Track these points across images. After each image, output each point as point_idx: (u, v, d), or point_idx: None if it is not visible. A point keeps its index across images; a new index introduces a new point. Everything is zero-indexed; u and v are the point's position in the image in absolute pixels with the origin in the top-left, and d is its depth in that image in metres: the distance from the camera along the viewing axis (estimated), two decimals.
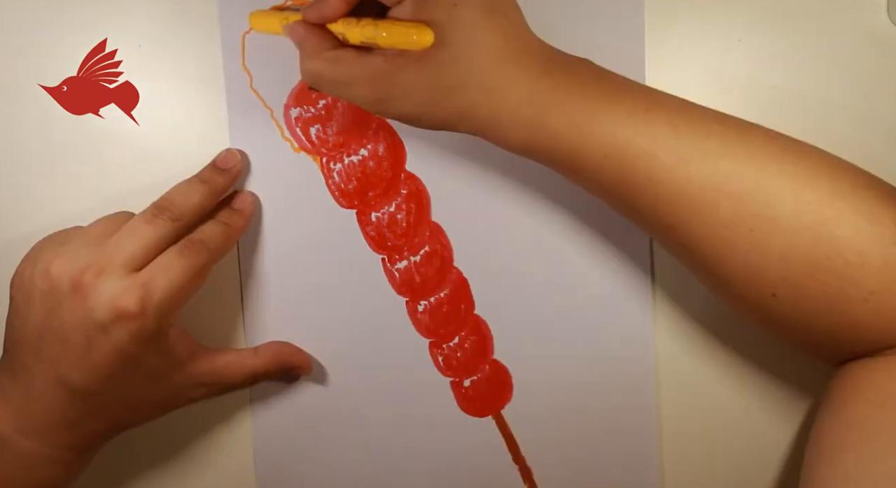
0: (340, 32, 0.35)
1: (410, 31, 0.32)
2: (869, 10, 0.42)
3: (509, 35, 0.34)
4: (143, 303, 0.37)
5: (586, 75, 0.35)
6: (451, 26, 0.33)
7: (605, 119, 0.34)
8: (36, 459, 0.38)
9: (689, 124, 0.34)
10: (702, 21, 0.43)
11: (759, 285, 0.34)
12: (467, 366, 0.45)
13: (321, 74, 0.35)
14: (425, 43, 0.32)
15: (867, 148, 0.43)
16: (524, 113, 0.34)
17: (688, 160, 0.34)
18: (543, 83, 0.34)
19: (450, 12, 0.33)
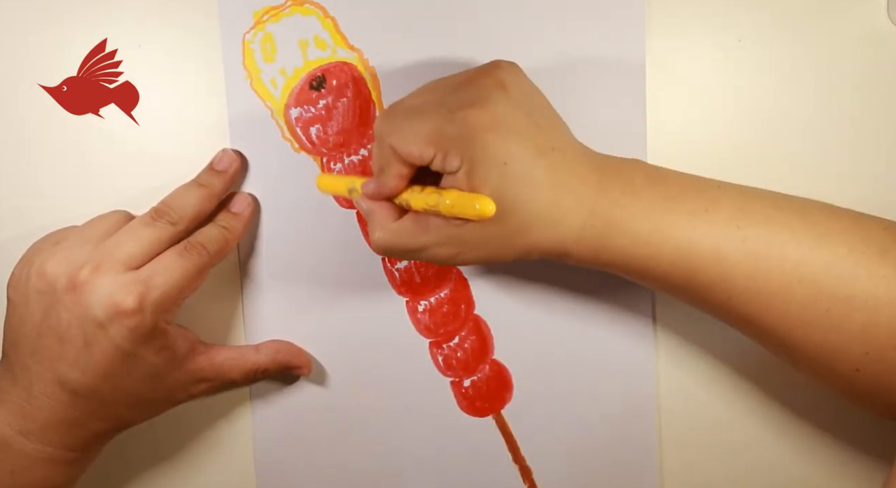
0: (405, 200, 0.36)
1: (472, 202, 0.33)
2: (869, 10, 0.42)
3: (560, 167, 0.35)
4: (141, 299, 0.37)
5: (639, 181, 0.36)
6: (506, 182, 0.34)
7: (667, 229, 0.35)
8: (38, 459, 0.38)
9: (749, 217, 0.35)
10: (702, 21, 0.43)
11: (841, 362, 0.35)
12: (467, 366, 0.45)
13: (391, 245, 0.37)
14: (487, 213, 0.33)
15: (867, 148, 0.43)
16: (587, 236, 0.35)
17: (755, 253, 0.34)
18: (599, 204, 0.35)
19: (503, 171, 0.34)
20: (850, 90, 0.43)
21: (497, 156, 0.33)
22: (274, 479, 0.46)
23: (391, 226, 0.36)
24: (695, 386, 0.44)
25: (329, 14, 0.43)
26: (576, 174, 0.35)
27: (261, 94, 0.43)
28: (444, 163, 0.34)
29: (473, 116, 0.34)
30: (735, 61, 0.43)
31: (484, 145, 0.33)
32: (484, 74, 0.35)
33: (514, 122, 0.34)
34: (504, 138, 0.34)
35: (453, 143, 0.34)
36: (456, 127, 0.34)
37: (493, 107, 0.34)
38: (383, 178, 0.36)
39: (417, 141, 0.34)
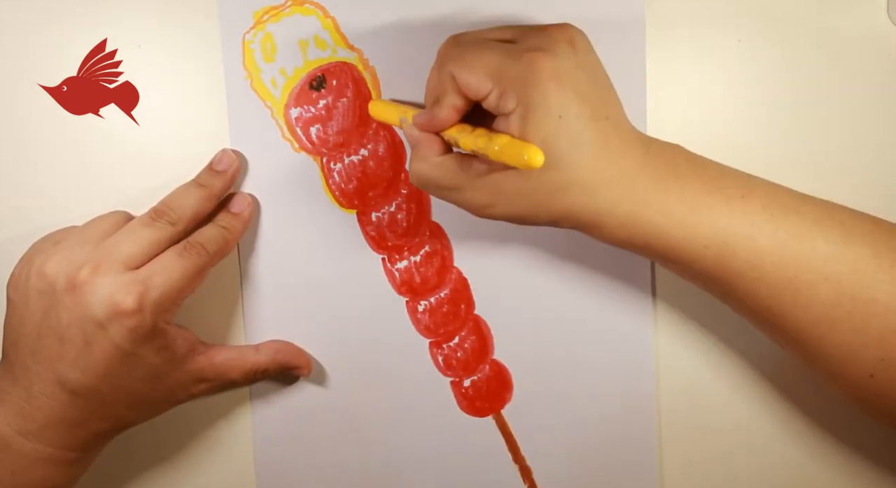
0: (453, 137, 0.36)
1: (521, 152, 0.32)
2: (869, 10, 0.42)
3: (611, 136, 0.35)
4: (140, 299, 0.37)
5: (680, 163, 0.36)
6: (556, 136, 0.33)
7: (704, 210, 0.35)
8: (38, 459, 0.38)
9: (782, 207, 0.35)
10: (702, 21, 0.43)
11: (856, 366, 0.35)
12: (467, 366, 0.45)
13: (428, 178, 0.36)
14: (535, 164, 0.32)
15: (867, 148, 0.43)
16: (623, 210, 0.35)
17: (786, 244, 0.34)
18: (640, 179, 0.35)
19: (557, 124, 0.33)
20: (850, 90, 0.43)
21: (554, 107, 0.33)
22: (274, 479, 0.46)
23: (434, 159, 0.36)
24: (695, 386, 0.44)
25: (329, 14, 0.43)
26: (623, 146, 0.35)
27: (261, 94, 0.43)
28: (500, 101, 0.34)
29: (539, 61, 0.33)
30: (735, 61, 0.43)
31: (544, 93, 0.33)
32: (557, 28, 0.35)
33: (577, 80, 0.34)
34: (564, 91, 0.33)
35: (513, 83, 0.33)
36: (520, 67, 0.33)
37: (561, 59, 0.34)
38: (436, 109, 0.35)
39: (479, 72, 0.34)
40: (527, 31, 0.35)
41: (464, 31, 0.37)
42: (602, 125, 0.34)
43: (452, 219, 0.44)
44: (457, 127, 0.36)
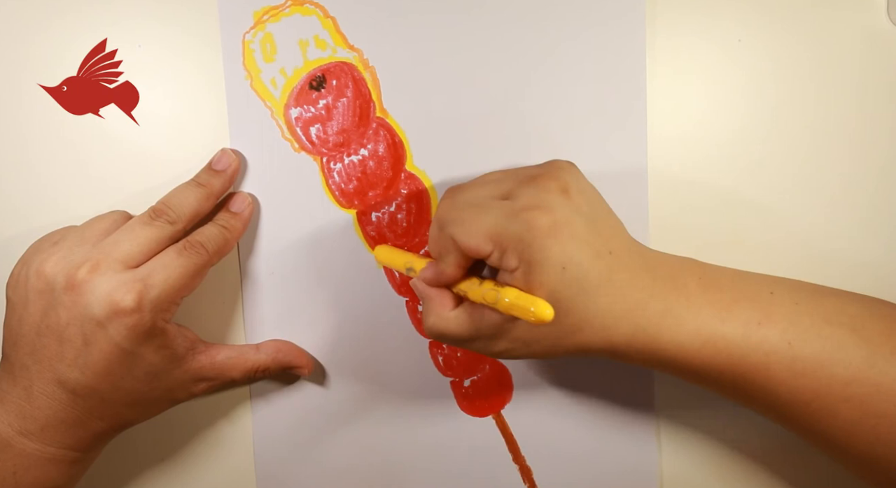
0: (462, 290, 0.37)
1: (530, 306, 0.33)
2: (869, 10, 0.42)
3: (615, 271, 0.35)
4: (139, 298, 0.37)
5: (693, 288, 0.36)
6: (563, 285, 0.34)
7: (720, 341, 0.35)
8: (39, 459, 0.38)
9: (801, 335, 0.35)
10: (702, 21, 0.43)
11: (885, 469, 0.35)
12: (467, 366, 0.45)
13: (444, 333, 0.37)
14: (545, 318, 0.33)
15: (867, 147, 0.43)
16: (638, 340, 0.35)
17: (803, 374, 0.35)
18: (650, 310, 0.35)
19: (561, 275, 0.34)
20: (850, 90, 0.43)
21: (556, 261, 0.34)
22: (274, 479, 0.46)
23: (446, 315, 0.37)
24: (696, 385, 0.44)
25: (329, 14, 0.43)
26: (629, 278, 0.35)
27: (261, 94, 0.43)
28: (502, 261, 0.35)
29: (536, 219, 0.34)
30: (735, 61, 0.43)
31: (543, 249, 0.34)
32: (547, 176, 0.36)
33: (575, 228, 0.35)
34: (564, 243, 0.34)
35: (513, 243, 0.34)
36: (517, 227, 0.34)
37: (556, 212, 0.34)
38: (441, 266, 0.37)
39: (478, 236, 0.35)
40: (518, 184, 0.36)
41: (459, 184, 0.38)
42: (606, 262, 0.35)
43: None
44: (465, 281, 0.37)
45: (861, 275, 0.44)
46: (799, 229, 0.44)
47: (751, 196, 0.44)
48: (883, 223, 0.44)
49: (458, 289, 0.37)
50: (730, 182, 0.43)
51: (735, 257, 0.44)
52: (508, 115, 0.43)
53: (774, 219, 0.44)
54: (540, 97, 0.43)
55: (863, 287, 0.40)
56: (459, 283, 0.37)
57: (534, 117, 0.43)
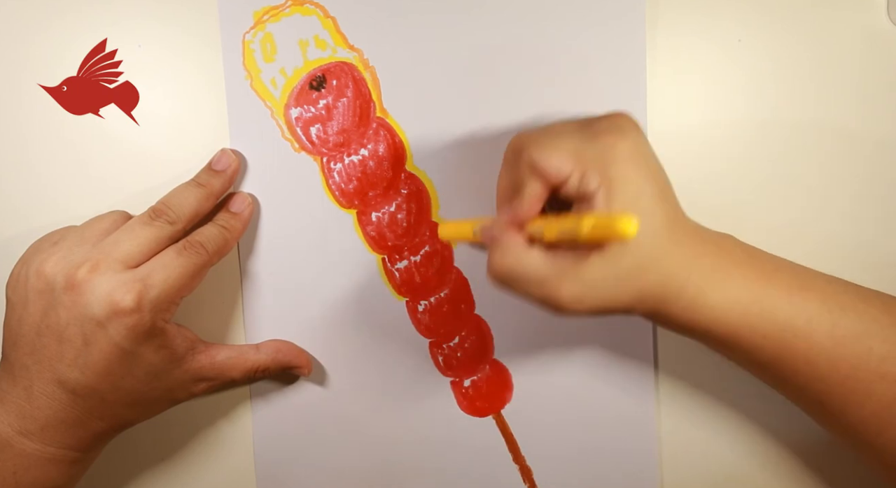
0: (538, 229, 0.35)
1: (614, 222, 0.32)
2: (869, 10, 0.42)
3: (673, 219, 0.35)
4: (139, 298, 0.37)
5: (736, 252, 0.36)
6: (639, 213, 0.34)
7: (765, 299, 0.35)
8: (40, 459, 0.38)
9: (840, 305, 0.35)
10: (702, 21, 0.43)
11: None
12: (467, 366, 0.45)
13: (515, 272, 0.35)
14: (630, 232, 0.32)
15: (868, 147, 0.43)
16: (690, 294, 0.35)
17: (843, 342, 0.35)
18: (702, 264, 0.35)
19: (636, 202, 0.34)
20: (850, 90, 0.43)
21: (633, 186, 0.34)
22: (274, 479, 0.46)
23: (520, 253, 0.35)
24: (695, 386, 0.44)
25: (329, 14, 0.43)
26: (684, 230, 0.36)
27: (261, 94, 0.43)
28: (582, 181, 0.34)
29: (616, 142, 0.34)
30: (735, 61, 0.43)
31: (624, 171, 0.34)
32: (619, 114, 0.36)
33: (649, 161, 0.35)
34: (640, 171, 0.34)
35: (593, 164, 0.34)
36: (598, 148, 0.34)
37: (634, 140, 0.35)
38: (519, 201, 0.36)
39: (558, 154, 0.34)
40: (591, 120, 0.36)
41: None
42: (668, 207, 0.35)
43: (452, 218, 0.44)
44: (539, 218, 0.36)
45: (862, 273, 0.44)
46: (799, 228, 0.44)
47: (751, 196, 0.44)
48: (883, 222, 0.44)
49: (534, 228, 0.35)
50: (730, 181, 0.43)
51: None
52: (509, 115, 0.43)
53: (774, 218, 0.44)
54: (540, 97, 0.43)
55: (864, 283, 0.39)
56: (534, 223, 0.35)
57: (534, 117, 0.43)
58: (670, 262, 0.35)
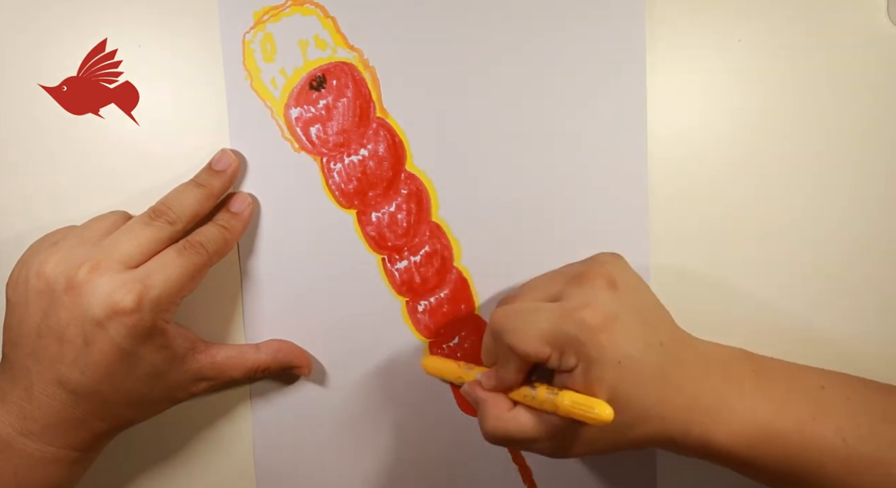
0: (519, 398, 0.37)
1: (590, 407, 0.34)
2: (869, 10, 0.42)
3: (667, 363, 0.36)
4: (139, 298, 0.37)
5: (745, 380, 0.36)
6: (620, 380, 0.35)
7: (774, 436, 0.35)
8: (41, 460, 0.38)
9: (857, 434, 0.35)
10: (702, 21, 0.43)
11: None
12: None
13: (505, 434, 0.37)
14: (606, 419, 0.34)
15: (868, 147, 0.43)
16: (696, 433, 0.36)
17: (858, 470, 0.35)
18: (705, 401, 0.36)
19: (617, 370, 0.35)
20: (849, 90, 0.43)
21: (611, 356, 0.35)
22: (274, 479, 0.46)
23: (505, 416, 0.37)
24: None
25: (329, 14, 0.43)
26: (682, 371, 0.36)
27: (261, 94, 0.43)
28: (561, 362, 0.35)
29: (587, 318, 0.35)
30: (735, 61, 0.43)
31: (599, 346, 0.35)
32: (594, 273, 0.37)
33: (625, 322, 0.35)
34: (617, 339, 0.35)
35: (569, 344, 0.35)
36: (571, 328, 0.35)
37: (606, 308, 0.35)
38: (502, 373, 0.37)
39: (535, 341, 0.35)
40: (566, 283, 0.37)
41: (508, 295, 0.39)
42: (657, 355, 0.36)
43: (453, 218, 0.44)
44: (522, 387, 0.37)
45: (862, 272, 0.44)
46: (799, 228, 0.44)
47: (751, 195, 0.44)
48: (883, 220, 0.44)
49: (514, 396, 0.38)
50: (730, 181, 0.43)
51: (735, 257, 0.44)
52: (508, 115, 0.43)
53: (774, 217, 0.44)
54: (540, 97, 0.43)
55: (865, 279, 0.40)
56: (515, 390, 0.38)
57: (534, 117, 0.43)
58: (669, 409, 0.35)
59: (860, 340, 0.44)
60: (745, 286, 0.44)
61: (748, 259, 0.44)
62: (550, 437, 0.37)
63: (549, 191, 0.44)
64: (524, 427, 0.37)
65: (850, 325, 0.44)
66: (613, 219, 0.43)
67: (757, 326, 0.44)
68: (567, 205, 0.44)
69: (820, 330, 0.44)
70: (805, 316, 0.44)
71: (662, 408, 0.35)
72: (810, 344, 0.44)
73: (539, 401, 0.36)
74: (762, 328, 0.44)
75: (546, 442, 0.37)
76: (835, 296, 0.44)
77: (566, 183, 0.43)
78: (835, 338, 0.44)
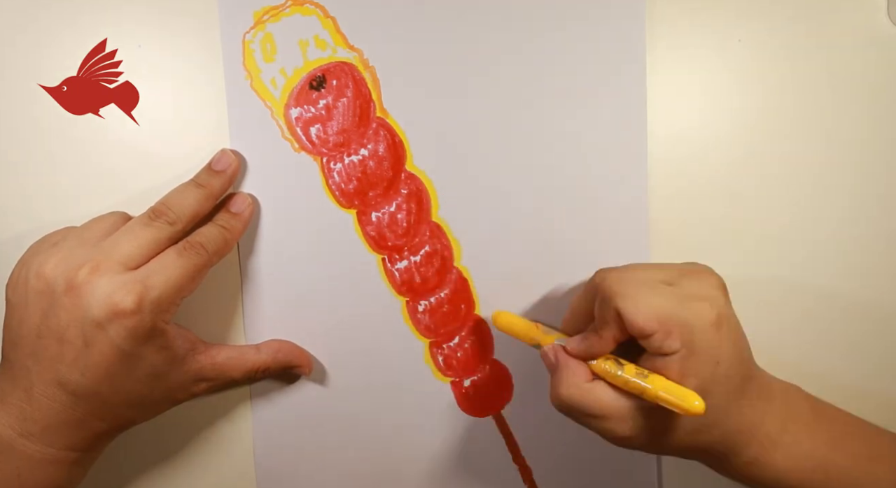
0: (602, 369, 0.36)
1: (685, 399, 0.34)
2: (869, 10, 0.42)
3: (748, 381, 0.36)
4: (139, 299, 0.37)
5: (806, 414, 0.37)
6: (713, 381, 0.35)
7: (831, 466, 0.36)
8: (42, 461, 0.38)
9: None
10: (702, 21, 0.43)
11: None
12: (467, 366, 0.45)
13: (577, 404, 0.36)
14: (698, 412, 0.34)
15: (868, 147, 0.43)
16: (751, 451, 0.36)
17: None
18: (768, 422, 0.36)
19: (714, 370, 0.35)
20: (849, 90, 0.43)
21: (714, 353, 0.35)
22: (274, 479, 0.46)
23: (584, 386, 0.36)
24: None
25: (329, 14, 0.43)
26: (756, 391, 0.36)
27: (261, 94, 0.43)
28: (664, 342, 0.35)
29: (703, 310, 0.35)
30: (736, 61, 0.43)
31: (707, 339, 0.35)
32: (707, 272, 0.37)
33: (732, 328, 0.36)
34: (723, 339, 0.35)
35: (679, 328, 0.35)
36: (685, 313, 0.35)
37: (721, 307, 0.35)
38: (595, 339, 0.37)
39: (647, 313, 0.35)
40: (684, 274, 0.37)
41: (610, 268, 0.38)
42: (745, 371, 0.36)
43: (453, 218, 0.44)
44: (607, 361, 0.37)
45: (862, 270, 0.44)
46: (798, 227, 0.44)
47: (751, 195, 0.44)
48: (883, 220, 0.44)
49: (596, 368, 0.37)
50: (730, 181, 0.43)
51: (735, 256, 0.44)
52: (508, 115, 0.43)
53: (775, 217, 0.44)
54: (540, 97, 0.43)
55: (865, 279, 0.40)
56: (599, 362, 0.37)
57: (534, 117, 0.43)
58: (737, 420, 0.36)
59: (856, 338, 0.44)
60: (744, 286, 0.44)
61: (748, 259, 0.44)
62: (622, 419, 0.36)
63: (549, 191, 0.44)
64: (601, 401, 0.36)
65: (850, 325, 0.44)
66: (613, 219, 0.43)
67: (757, 325, 0.44)
68: (567, 204, 0.44)
69: (820, 329, 0.44)
70: (805, 315, 0.44)
71: (730, 421, 0.36)
72: (810, 343, 0.44)
73: (623, 380, 0.35)
74: (762, 327, 0.44)
75: (615, 423, 0.36)
76: (835, 296, 0.44)
77: (566, 183, 0.43)
78: (835, 338, 0.45)
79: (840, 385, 0.44)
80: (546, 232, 0.44)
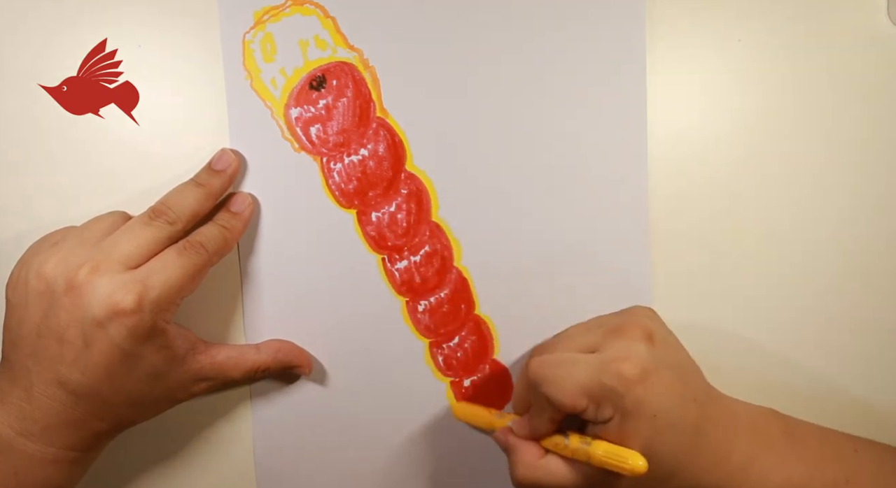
0: (550, 446, 0.38)
1: (625, 458, 0.35)
2: (869, 10, 0.42)
3: (700, 419, 0.36)
4: (139, 299, 0.37)
5: (776, 438, 0.37)
6: (654, 433, 0.36)
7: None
8: (41, 460, 0.38)
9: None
10: (702, 21, 0.43)
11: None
12: (467, 365, 0.45)
13: (533, 483, 0.38)
14: (640, 471, 0.34)
15: (868, 147, 0.43)
16: (725, 486, 0.36)
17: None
18: (737, 459, 0.36)
19: (652, 423, 0.35)
20: (849, 90, 0.43)
21: (648, 409, 0.35)
22: (274, 479, 0.46)
23: (536, 464, 0.38)
24: None
25: (329, 14, 0.43)
26: (715, 424, 0.37)
27: (261, 94, 0.43)
28: (597, 413, 0.36)
29: (625, 370, 0.35)
30: (736, 61, 0.43)
31: (636, 398, 0.35)
32: (631, 325, 0.37)
33: (662, 377, 0.36)
34: (653, 392, 0.35)
35: (607, 396, 0.35)
36: (609, 380, 0.35)
37: (643, 360, 0.36)
38: (535, 422, 0.38)
39: (572, 392, 0.36)
40: (608, 334, 0.37)
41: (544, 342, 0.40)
42: (692, 409, 0.36)
43: (453, 218, 0.44)
44: (554, 436, 0.38)
45: (862, 270, 0.44)
46: (799, 227, 0.44)
47: (751, 194, 0.44)
48: (883, 220, 0.44)
49: (546, 444, 0.38)
50: (730, 181, 0.43)
51: (735, 257, 0.44)
52: (508, 115, 0.43)
53: (775, 217, 0.44)
54: (540, 97, 0.43)
55: (865, 279, 0.40)
56: (547, 439, 0.38)
57: (534, 117, 0.43)
58: (701, 465, 0.36)
59: (856, 338, 0.44)
60: (744, 285, 0.44)
61: (748, 258, 0.44)
62: (581, 485, 0.37)
63: (549, 191, 0.44)
64: (555, 475, 0.37)
65: (849, 324, 0.44)
66: (613, 219, 0.43)
67: (757, 325, 0.44)
68: (567, 205, 0.44)
69: (819, 328, 0.44)
70: (804, 315, 0.44)
71: (694, 464, 0.36)
72: (810, 343, 0.44)
73: (571, 450, 0.37)
74: (761, 327, 0.44)
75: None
76: (835, 296, 0.44)
77: (566, 183, 0.43)
78: (834, 337, 0.45)
79: (839, 385, 0.44)
80: (546, 232, 0.44)
